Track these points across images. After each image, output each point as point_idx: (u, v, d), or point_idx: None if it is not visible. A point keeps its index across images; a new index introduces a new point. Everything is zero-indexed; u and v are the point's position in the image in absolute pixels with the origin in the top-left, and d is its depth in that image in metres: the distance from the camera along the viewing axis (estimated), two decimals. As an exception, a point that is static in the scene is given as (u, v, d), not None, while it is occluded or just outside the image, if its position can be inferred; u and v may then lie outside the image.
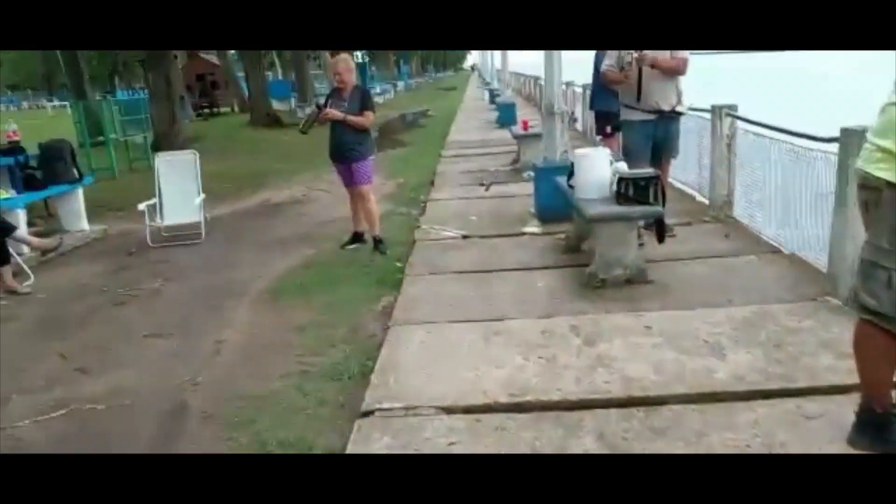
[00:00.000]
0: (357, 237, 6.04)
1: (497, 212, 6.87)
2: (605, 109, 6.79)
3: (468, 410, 2.85)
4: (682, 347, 3.27)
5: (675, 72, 4.94)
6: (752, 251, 4.82)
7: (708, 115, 5.93)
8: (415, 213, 7.33)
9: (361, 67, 29.53)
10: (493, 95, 22.30)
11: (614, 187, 4.18)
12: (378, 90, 31.84)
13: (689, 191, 6.86)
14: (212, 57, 30.22)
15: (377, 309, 4.35)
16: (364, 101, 5.58)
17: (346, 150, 5.61)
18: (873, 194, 2.19)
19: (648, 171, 4.22)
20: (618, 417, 2.71)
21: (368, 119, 5.57)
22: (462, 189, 8.40)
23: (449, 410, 2.85)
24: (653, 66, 4.79)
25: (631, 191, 4.07)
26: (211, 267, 5.85)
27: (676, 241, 5.04)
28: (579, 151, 4.49)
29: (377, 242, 5.80)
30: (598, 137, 7.58)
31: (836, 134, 3.60)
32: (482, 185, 8.51)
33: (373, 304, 4.43)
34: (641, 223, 4.45)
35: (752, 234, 5.28)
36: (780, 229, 4.94)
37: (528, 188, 6.88)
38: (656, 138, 5.02)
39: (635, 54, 4.76)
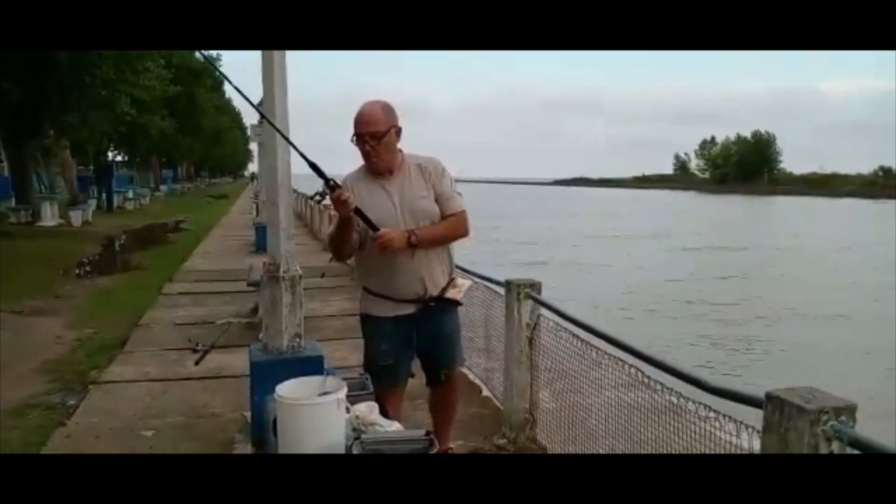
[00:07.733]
0: None
1: (194, 416, 4.43)
2: None
3: None
4: None
5: (449, 238, 3.04)
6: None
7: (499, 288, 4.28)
8: (69, 404, 4.63)
9: (106, 167, 25.39)
10: (260, 210, 19.70)
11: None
12: (131, 195, 27.69)
13: (473, 378, 5.06)
14: None
15: None
16: None
17: None
18: None
19: (418, 436, 2.18)
20: None
21: None
22: (162, 358, 5.82)
23: None
24: (413, 246, 2.85)
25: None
26: None
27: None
28: (285, 390, 2.26)
29: None
30: None
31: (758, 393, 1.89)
32: (196, 349, 6.02)
33: None
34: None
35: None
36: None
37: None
38: (420, 343, 3.06)
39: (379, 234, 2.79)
